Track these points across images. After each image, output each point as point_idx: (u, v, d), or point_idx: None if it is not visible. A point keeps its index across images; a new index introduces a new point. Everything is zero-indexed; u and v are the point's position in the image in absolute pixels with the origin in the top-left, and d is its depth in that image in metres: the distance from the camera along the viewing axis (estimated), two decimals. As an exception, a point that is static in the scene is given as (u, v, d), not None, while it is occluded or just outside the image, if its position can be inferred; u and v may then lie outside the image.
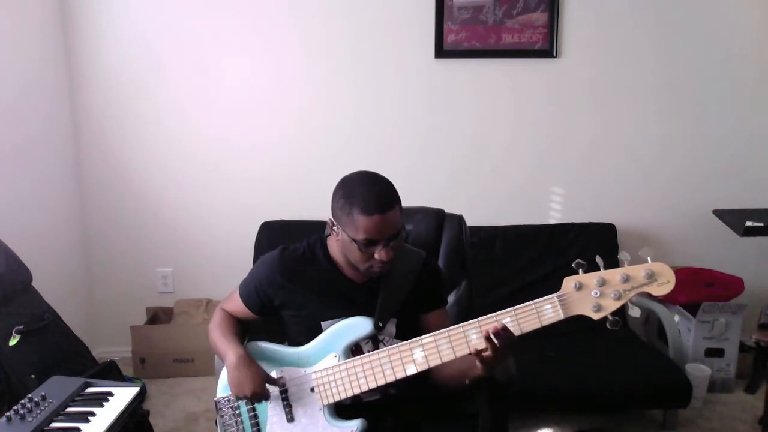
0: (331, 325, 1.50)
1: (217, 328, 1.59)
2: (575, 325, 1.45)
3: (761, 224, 2.61)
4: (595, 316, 1.26)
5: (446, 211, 1.97)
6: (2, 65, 2.54)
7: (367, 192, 1.40)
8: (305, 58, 2.99)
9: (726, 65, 3.01)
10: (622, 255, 1.25)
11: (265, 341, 1.58)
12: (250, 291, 1.59)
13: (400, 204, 1.44)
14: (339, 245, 1.50)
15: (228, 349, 1.51)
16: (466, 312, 1.51)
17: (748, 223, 2.61)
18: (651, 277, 1.22)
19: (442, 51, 2.95)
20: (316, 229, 1.91)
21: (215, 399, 1.59)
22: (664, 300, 2.85)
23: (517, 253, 2.94)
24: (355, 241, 1.40)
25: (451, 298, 1.82)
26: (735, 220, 2.73)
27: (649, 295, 1.23)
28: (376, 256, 1.41)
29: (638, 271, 1.22)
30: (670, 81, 3.02)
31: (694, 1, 2.96)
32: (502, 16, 2.93)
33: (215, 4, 2.94)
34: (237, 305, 1.62)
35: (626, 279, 1.23)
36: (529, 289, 2.81)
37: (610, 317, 1.25)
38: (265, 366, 1.53)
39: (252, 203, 3.03)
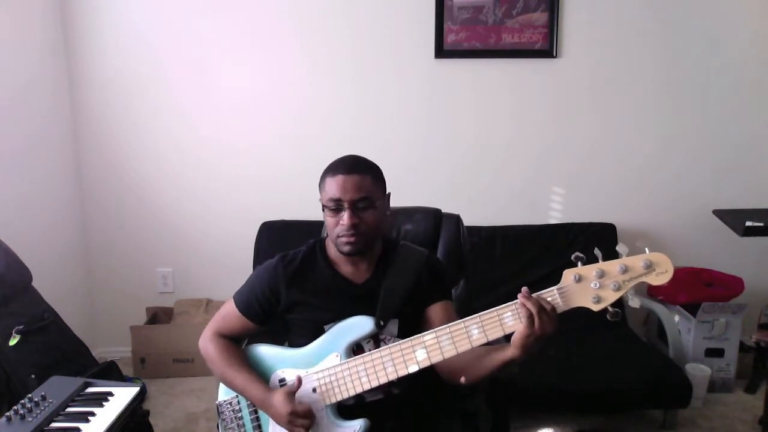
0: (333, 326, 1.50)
1: (223, 360, 1.53)
2: (576, 324, 1.44)
3: (761, 224, 2.61)
4: (595, 308, 1.25)
5: (446, 211, 1.97)
6: (2, 65, 2.54)
7: (339, 158, 1.50)
8: (305, 58, 2.99)
9: (726, 65, 3.01)
10: (620, 247, 1.25)
11: (265, 343, 1.57)
12: (249, 301, 1.56)
13: (375, 175, 1.49)
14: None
15: (249, 386, 1.48)
16: (464, 311, 1.50)
17: (748, 223, 2.61)
18: (649, 267, 1.21)
19: (442, 51, 2.95)
20: (316, 229, 1.91)
21: (216, 402, 1.58)
22: (664, 300, 2.85)
23: (517, 253, 2.94)
24: (325, 206, 1.45)
25: (449, 297, 1.82)
26: (735, 220, 2.73)
27: (649, 286, 1.23)
28: (341, 221, 1.44)
29: (636, 262, 1.22)
30: (670, 81, 3.03)
31: (694, 1, 2.96)
32: (502, 16, 2.93)
33: (215, 4, 2.94)
34: (233, 319, 1.58)
35: (625, 270, 1.22)
36: (530, 289, 2.80)
37: (610, 308, 1.25)
38: (266, 368, 1.52)
39: (252, 203, 3.03)
